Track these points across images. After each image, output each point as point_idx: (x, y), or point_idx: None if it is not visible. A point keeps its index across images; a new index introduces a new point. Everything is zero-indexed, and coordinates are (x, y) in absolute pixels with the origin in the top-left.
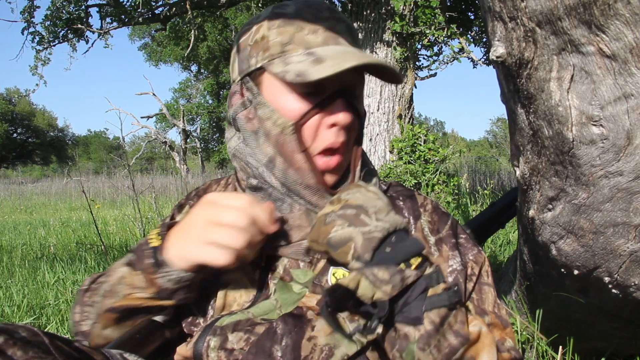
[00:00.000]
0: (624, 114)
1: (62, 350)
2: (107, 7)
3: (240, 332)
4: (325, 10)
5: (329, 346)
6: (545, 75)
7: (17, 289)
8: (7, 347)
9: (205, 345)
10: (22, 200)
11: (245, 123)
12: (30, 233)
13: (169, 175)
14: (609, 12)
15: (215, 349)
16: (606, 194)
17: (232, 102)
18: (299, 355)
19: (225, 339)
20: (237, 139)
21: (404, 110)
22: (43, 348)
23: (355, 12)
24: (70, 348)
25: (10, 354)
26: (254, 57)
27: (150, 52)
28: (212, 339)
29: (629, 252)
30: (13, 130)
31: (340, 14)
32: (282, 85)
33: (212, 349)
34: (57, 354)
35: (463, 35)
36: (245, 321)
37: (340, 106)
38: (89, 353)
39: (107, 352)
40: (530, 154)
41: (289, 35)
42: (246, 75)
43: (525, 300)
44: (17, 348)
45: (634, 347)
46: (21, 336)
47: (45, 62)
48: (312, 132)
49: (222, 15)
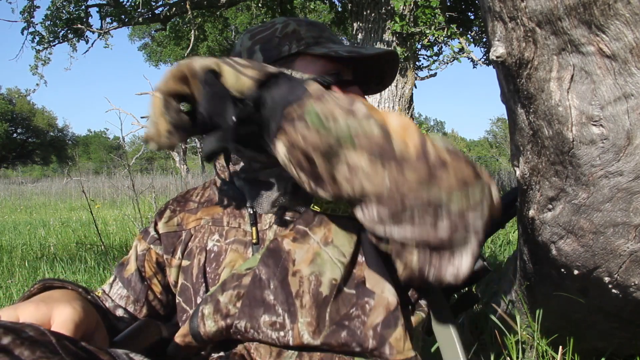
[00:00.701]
0: (624, 114)
1: (69, 350)
2: (107, 7)
3: (229, 290)
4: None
5: (314, 274)
6: (545, 75)
7: (17, 289)
8: (14, 347)
9: (199, 315)
10: (22, 200)
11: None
12: (30, 233)
13: (169, 175)
14: (609, 12)
15: (210, 315)
16: (606, 194)
17: None
18: (289, 292)
19: (217, 302)
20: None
21: (404, 110)
22: (50, 348)
23: (355, 12)
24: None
25: (18, 354)
26: (286, 45)
27: (150, 52)
28: (204, 307)
29: (629, 252)
30: (13, 130)
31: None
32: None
33: (207, 316)
34: (64, 353)
35: (463, 35)
36: (230, 278)
37: (358, 92)
38: (96, 353)
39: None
40: (530, 154)
41: (318, 32)
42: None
43: (525, 300)
44: (24, 348)
45: (634, 347)
46: (28, 335)
47: (45, 62)
48: None
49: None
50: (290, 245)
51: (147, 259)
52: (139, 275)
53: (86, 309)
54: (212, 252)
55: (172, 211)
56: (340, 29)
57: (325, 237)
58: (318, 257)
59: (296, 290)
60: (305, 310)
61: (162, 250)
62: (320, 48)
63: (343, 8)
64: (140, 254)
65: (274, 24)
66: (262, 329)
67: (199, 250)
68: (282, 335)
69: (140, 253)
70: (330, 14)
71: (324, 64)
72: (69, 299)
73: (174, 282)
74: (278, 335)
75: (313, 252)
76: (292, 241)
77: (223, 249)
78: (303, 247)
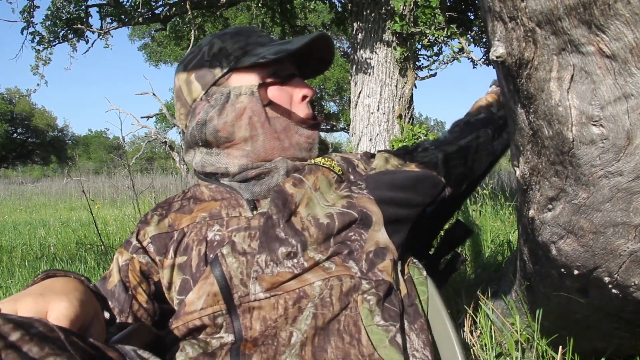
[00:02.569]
0: (624, 114)
1: (77, 347)
2: (107, 7)
3: (241, 232)
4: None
5: (310, 215)
6: (545, 75)
7: (17, 289)
8: (23, 343)
9: (220, 255)
10: (22, 200)
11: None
12: (30, 233)
13: (169, 175)
14: (609, 12)
15: (230, 253)
16: (606, 194)
17: (196, 117)
18: (296, 230)
19: (234, 243)
20: (200, 153)
21: (404, 110)
22: (59, 344)
23: (355, 12)
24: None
25: (26, 351)
26: (217, 66)
27: (150, 52)
28: (222, 249)
29: (629, 252)
30: (13, 130)
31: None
32: (251, 76)
33: (226, 255)
34: (72, 350)
35: (463, 35)
36: (240, 226)
37: (301, 82)
38: (104, 350)
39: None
40: (530, 154)
41: (244, 41)
42: (211, 85)
43: (525, 300)
44: (33, 344)
45: (634, 347)
46: (37, 331)
47: (46, 62)
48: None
49: (222, 15)
50: (292, 189)
51: (131, 268)
52: (123, 286)
53: (84, 300)
54: (214, 241)
55: (159, 215)
56: (340, 29)
57: (314, 184)
58: (311, 201)
59: (300, 227)
60: (313, 239)
61: (145, 259)
62: (249, 57)
63: (343, 8)
64: (122, 265)
65: (200, 48)
66: (279, 259)
67: (196, 242)
68: (295, 262)
69: (123, 264)
70: (330, 14)
71: (259, 71)
72: (69, 290)
73: (167, 283)
74: (293, 262)
75: (307, 197)
76: (293, 186)
77: (226, 237)
78: (300, 191)
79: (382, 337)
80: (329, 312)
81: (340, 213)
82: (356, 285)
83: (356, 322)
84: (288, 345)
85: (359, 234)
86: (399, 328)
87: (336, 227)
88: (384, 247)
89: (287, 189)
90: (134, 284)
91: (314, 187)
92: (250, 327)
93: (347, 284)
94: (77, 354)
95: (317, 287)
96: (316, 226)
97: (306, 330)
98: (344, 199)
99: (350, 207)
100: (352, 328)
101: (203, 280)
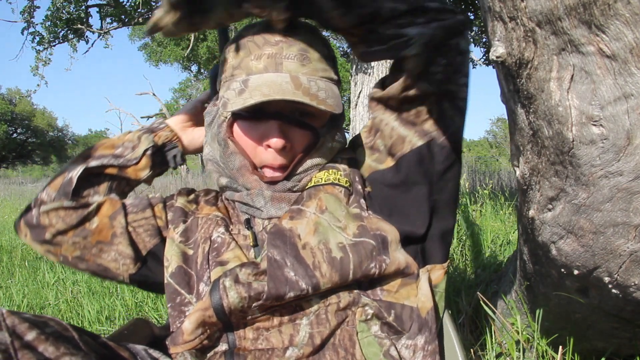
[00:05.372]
0: (624, 114)
1: (90, 346)
2: (107, 7)
3: (246, 267)
4: (278, 34)
5: (322, 242)
6: (545, 75)
7: (17, 289)
8: (38, 343)
9: (221, 287)
10: (22, 200)
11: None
12: None
13: (169, 175)
14: (609, 12)
15: (232, 286)
16: (606, 194)
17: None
18: (306, 265)
19: (237, 276)
20: (206, 145)
21: None
22: (73, 343)
23: None
24: (97, 343)
25: (41, 350)
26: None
27: (150, 52)
28: (224, 280)
29: (629, 252)
30: (13, 130)
31: (297, 36)
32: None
33: (229, 288)
34: (86, 349)
35: None
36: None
37: (274, 130)
38: (115, 349)
39: (133, 348)
40: (530, 154)
41: (239, 60)
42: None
43: (525, 300)
44: (48, 344)
45: (634, 347)
46: (53, 330)
47: (46, 62)
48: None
49: None
50: (289, 223)
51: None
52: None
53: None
54: (215, 242)
55: (196, 195)
56: None
57: (319, 207)
58: (319, 225)
59: (312, 262)
60: (326, 279)
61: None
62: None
63: None
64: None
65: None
66: (285, 299)
67: (203, 240)
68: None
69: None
70: None
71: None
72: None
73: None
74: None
75: (314, 223)
76: (290, 220)
77: (226, 242)
78: (302, 222)
79: (376, 351)
80: (326, 329)
81: (354, 244)
82: (355, 299)
83: (352, 336)
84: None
85: (379, 262)
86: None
87: (351, 264)
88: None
89: (284, 225)
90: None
91: (319, 210)
92: (244, 337)
93: (346, 299)
94: (91, 354)
95: (314, 303)
96: (329, 262)
97: (302, 346)
98: (355, 222)
99: (363, 234)
100: (347, 342)
101: (202, 311)
